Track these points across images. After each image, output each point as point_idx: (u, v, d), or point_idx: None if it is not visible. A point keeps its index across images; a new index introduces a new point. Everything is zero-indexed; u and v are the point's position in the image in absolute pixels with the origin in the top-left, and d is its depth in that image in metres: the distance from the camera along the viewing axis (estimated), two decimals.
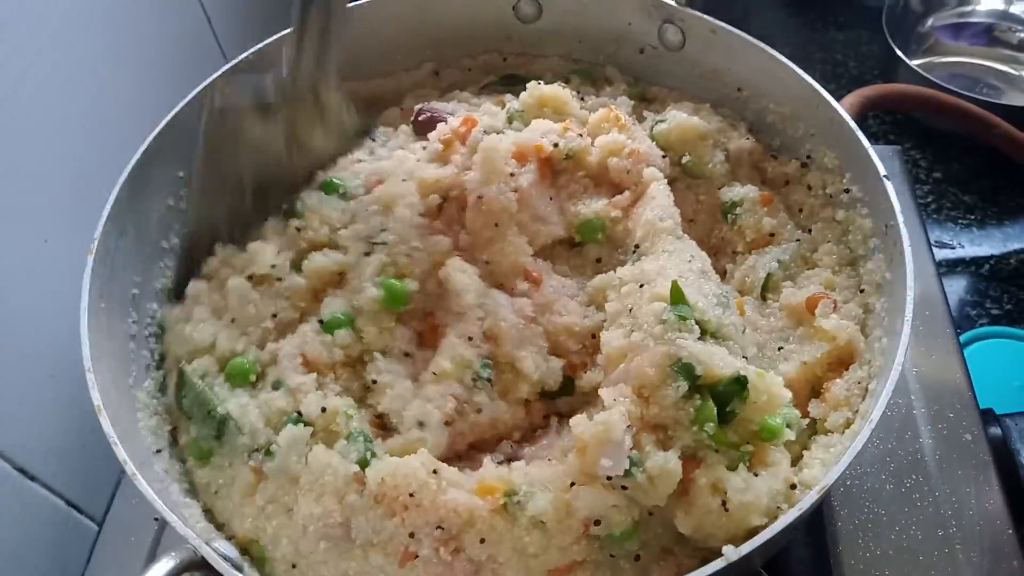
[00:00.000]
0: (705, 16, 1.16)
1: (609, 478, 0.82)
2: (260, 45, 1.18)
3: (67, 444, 1.25)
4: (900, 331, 0.87)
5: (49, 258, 1.20)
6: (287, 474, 0.90)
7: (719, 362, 0.84)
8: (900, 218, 0.95)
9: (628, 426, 0.83)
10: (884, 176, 0.98)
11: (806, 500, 0.78)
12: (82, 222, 1.02)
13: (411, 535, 0.83)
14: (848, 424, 0.92)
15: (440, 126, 1.12)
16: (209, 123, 1.08)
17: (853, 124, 1.03)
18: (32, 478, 1.18)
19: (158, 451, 0.96)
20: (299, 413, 0.94)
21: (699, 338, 0.88)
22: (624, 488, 0.82)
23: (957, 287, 1.74)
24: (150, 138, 1.08)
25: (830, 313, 0.99)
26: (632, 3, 1.22)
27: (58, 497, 1.23)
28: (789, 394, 0.87)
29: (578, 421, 0.85)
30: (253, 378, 0.98)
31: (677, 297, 0.90)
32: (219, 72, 1.15)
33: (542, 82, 1.17)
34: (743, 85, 1.19)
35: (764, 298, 1.07)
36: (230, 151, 1.09)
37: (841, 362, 0.98)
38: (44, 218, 1.21)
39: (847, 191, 1.08)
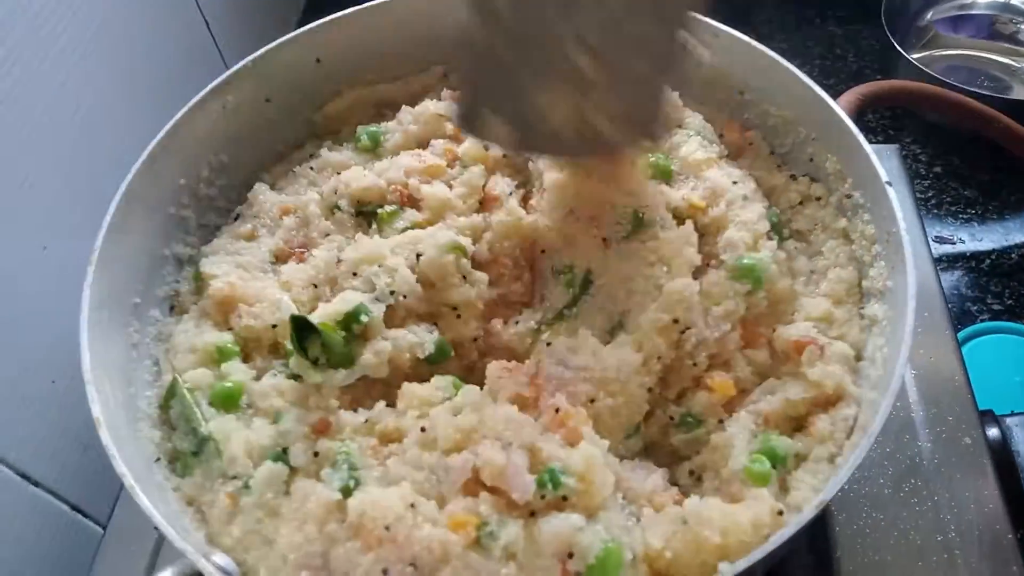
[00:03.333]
0: (707, 19, 1.14)
1: (543, 497, 0.81)
2: (260, 52, 1.17)
3: (70, 449, 1.26)
4: (901, 339, 0.86)
5: (48, 265, 1.21)
6: (264, 509, 0.87)
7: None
8: (902, 226, 0.93)
9: (509, 444, 0.84)
10: (887, 182, 0.97)
11: (805, 514, 0.77)
12: (80, 229, 1.02)
13: (384, 572, 0.79)
14: (832, 458, 0.90)
15: None
16: None
17: (855, 128, 1.02)
18: (36, 483, 1.19)
19: (158, 460, 0.95)
20: (284, 451, 0.91)
21: None
22: (565, 499, 0.82)
23: (958, 282, 1.73)
24: (152, 144, 1.07)
25: (815, 360, 0.96)
26: None
27: (62, 502, 1.24)
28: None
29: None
30: (242, 402, 0.96)
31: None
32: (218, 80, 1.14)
33: None
34: (744, 88, 1.18)
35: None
36: None
37: (828, 401, 0.95)
38: (43, 225, 1.21)
39: (849, 196, 1.07)
